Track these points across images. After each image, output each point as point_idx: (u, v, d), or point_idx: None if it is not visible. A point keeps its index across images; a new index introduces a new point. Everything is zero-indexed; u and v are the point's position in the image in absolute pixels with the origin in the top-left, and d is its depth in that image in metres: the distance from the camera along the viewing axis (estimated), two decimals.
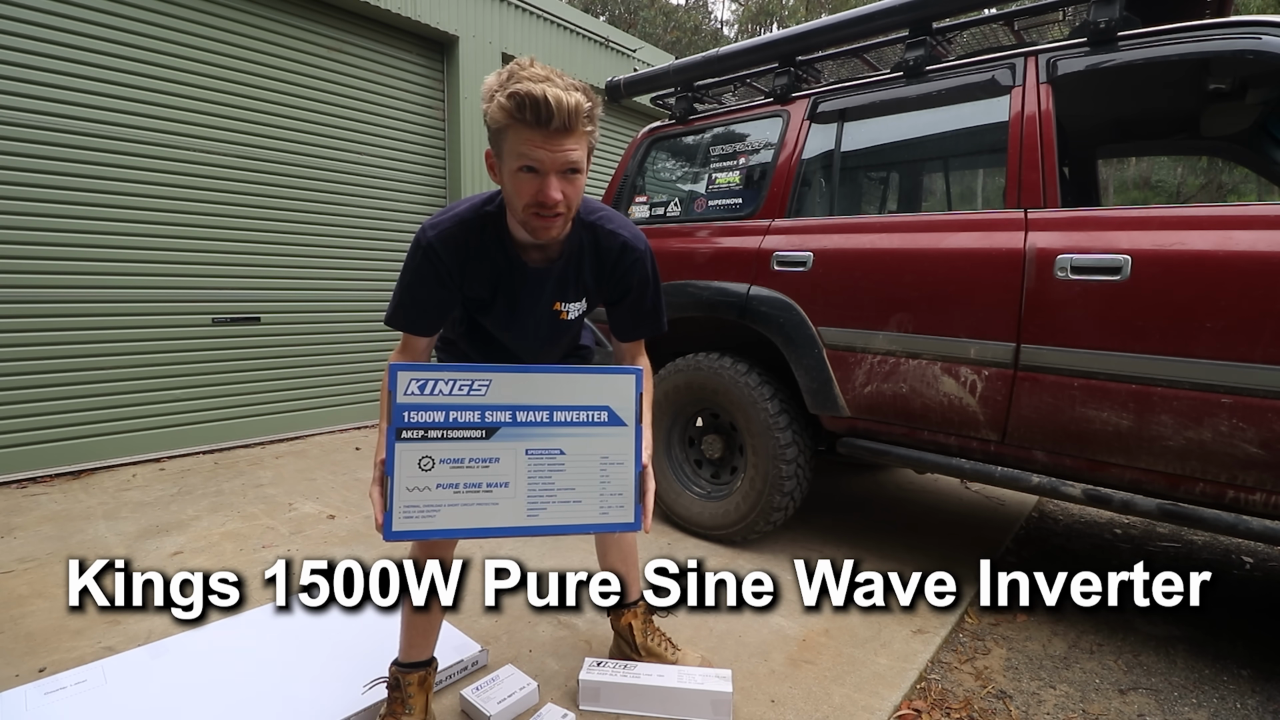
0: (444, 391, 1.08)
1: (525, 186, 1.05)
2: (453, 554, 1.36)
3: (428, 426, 1.06)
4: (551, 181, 1.04)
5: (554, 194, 1.04)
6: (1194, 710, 1.57)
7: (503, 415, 1.10)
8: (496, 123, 1.03)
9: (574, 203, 1.10)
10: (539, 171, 1.04)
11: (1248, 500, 1.52)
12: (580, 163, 1.06)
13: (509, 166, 1.06)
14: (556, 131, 1.01)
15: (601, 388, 1.16)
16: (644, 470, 1.17)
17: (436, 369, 1.08)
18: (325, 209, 4.10)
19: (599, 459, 1.14)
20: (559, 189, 1.05)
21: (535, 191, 1.05)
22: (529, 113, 0.98)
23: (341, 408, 4.30)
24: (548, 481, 1.12)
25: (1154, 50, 1.67)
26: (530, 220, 1.09)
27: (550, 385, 1.13)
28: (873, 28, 2.17)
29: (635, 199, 2.84)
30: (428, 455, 1.06)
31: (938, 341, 1.89)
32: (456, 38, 4.56)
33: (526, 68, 1.02)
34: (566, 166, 1.04)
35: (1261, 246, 1.44)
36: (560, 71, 1.04)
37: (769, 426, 2.20)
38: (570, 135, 1.02)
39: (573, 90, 1.01)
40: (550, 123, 0.99)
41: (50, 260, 3.08)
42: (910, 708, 1.53)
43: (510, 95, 0.98)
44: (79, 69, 3.10)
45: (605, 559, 1.57)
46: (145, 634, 1.75)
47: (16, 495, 2.85)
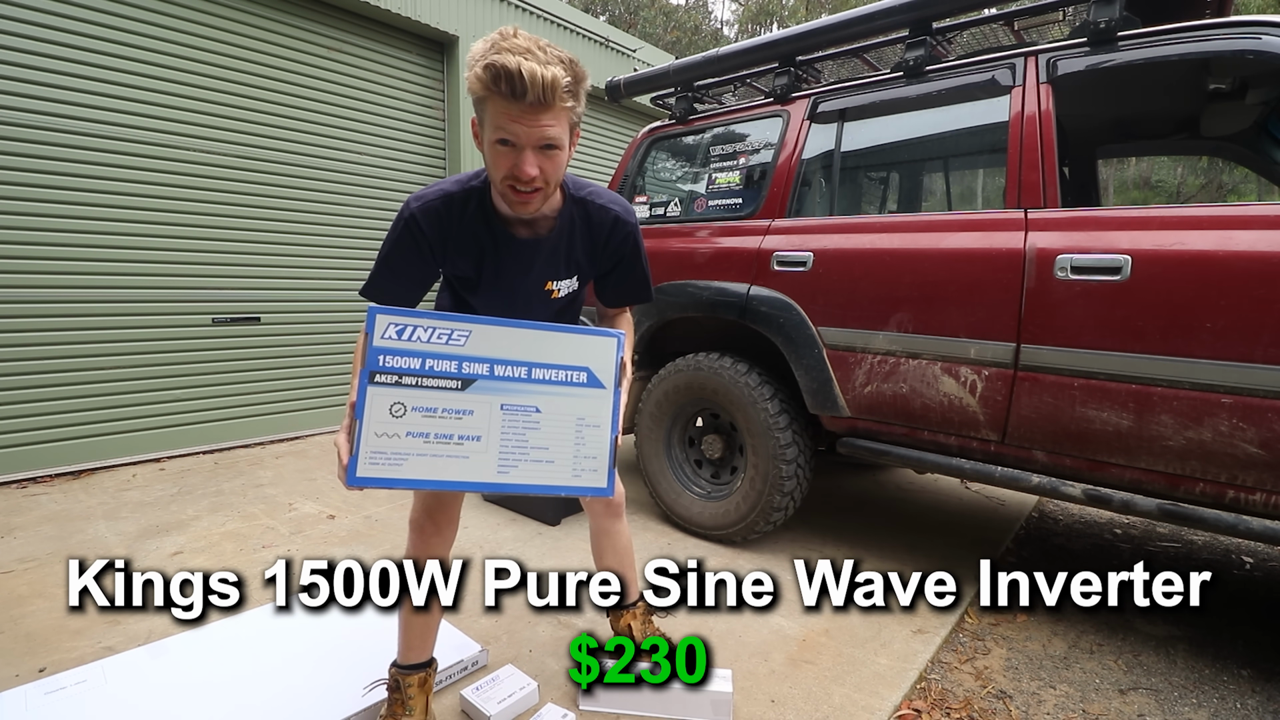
0: (422, 339, 1.04)
1: (502, 160, 1.04)
2: (450, 554, 1.36)
3: (402, 372, 1.03)
4: (527, 156, 1.02)
5: (529, 169, 1.02)
6: (1194, 710, 1.57)
7: (480, 368, 1.07)
8: (475, 92, 1.00)
9: (552, 179, 1.08)
10: (515, 145, 1.02)
11: (1248, 500, 1.52)
12: (558, 139, 1.03)
13: (487, 138, 1.04)
14: (532, 105, 0.98)
15: (582, 348, 1.13)
16: (615, 437, 1.15)
17: (416, 315, 1.04)
18: (325, 209, 4.10)
19: (575, 420, 1.12)
20: (535, 164, 1.03)
21: (511, 165, 1.03)
22: (504, 85, 0.96)
23: (341, 408, 4.29)
24: (521, 439, 1.09)
25: (1154, 50, 1.67)
26: (507, 194, 1.08)
27: (531, 341, 1.10)
28: (873, 28, 2.17)
29: (635, 199, 2.84)
30: (400, 402, 1.03)
31: (938, 341, 1.89)
32: (456, 38, 4.56)
33: (509, 38, 0.99)
34: (543, 142, 1.02)
35: (1261, 246, 1.44)
36: (546, 43, 1.01)
37: (769, 426, 2.20)
38: (547, 110, 0.99)
39: (553, 64, 0.98)
40: (525, 96, 0.96)
41: (50, 260, 3.08)
42: (910, 708, 1.53)
43: (486, 66, 0.96)
44: (79, 69, 3.11)
45: (601, 560, 1.56)
46: (145, 634, 1.75)
47: (16, 495, 2.85)
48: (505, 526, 2.59)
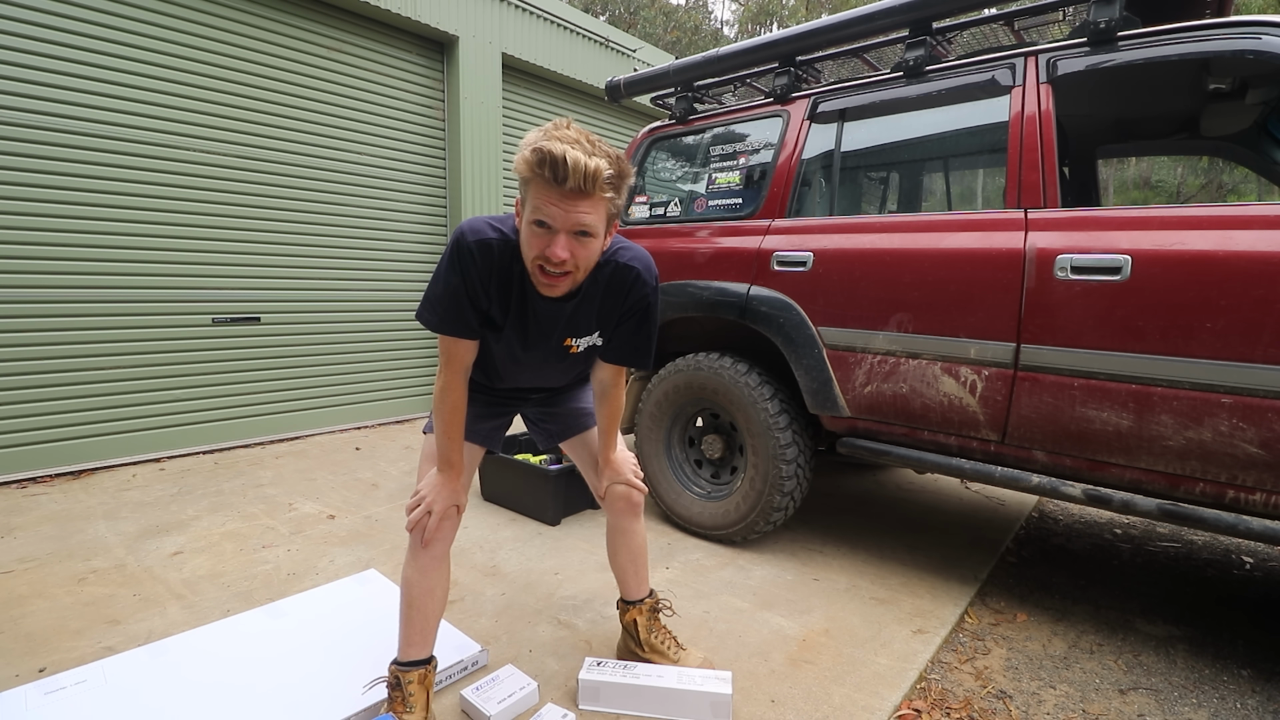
0: None
1: (536, 240, 1.09)
2: (448, 552, 1.37)
3: None
4: (561, 239, 1.07)
5: (560, 252, 1.07)
6: (1194, 710, 1.57)
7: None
8: (521, 174, 1.07)
9: (583, 264, 1.13)
10: (551, 228, 1.07)
11: (1248, 500, 1.52)
12: (593, 226, 1.08)
13: (526, 218, 1.10)
14: (572, 192, 1.04)
15: None
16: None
17: None
18: (325, 209, 4.10)
19: None
20: (567, 248, 1.08)
21: (544, 247, 1.08)
22: (548, 169, 1.02)
23: (341, 408, 4.30)
24: None
25: (1154, 50, 1.67)
26: (535, 274, 1.13)
27: None
28: (873, 28, 2.17)
29: (635, 199, 2.84)
30: None
31: (938, 341, 1.89)
32: (456, 38, 4.56)
33: (561, 128, 1.06)
34: (578, 228, 1.07)
35: (1261, 246, 1.44)
36: (598, 140, 1.07)
37: (769, 426, 2.20)
38: (586, 198, 1.05)
39: (598, 156, 1.04)
40: (566, 182, 1.02)
41: (50, 260, 3.08)
42: (910, 708, 1.53)
43: (534, 150, 1.02)
44: (79, 69, 3.11)
45: (616, 558, 1.57)
46: (145, 634, 1.75)
47: (16, 495, 2.85)
48: (505, 526, 2.59)
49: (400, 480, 3.19)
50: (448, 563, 1.36)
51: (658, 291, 1.34)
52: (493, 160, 4.88)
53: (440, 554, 1.33)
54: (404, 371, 4.67)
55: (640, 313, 1.33)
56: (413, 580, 1.33)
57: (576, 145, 1.03)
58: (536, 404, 1.57)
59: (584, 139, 1.05)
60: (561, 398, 1.58)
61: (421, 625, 1.33)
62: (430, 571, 1.33)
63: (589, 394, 1.62)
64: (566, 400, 1.58)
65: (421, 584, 1.32)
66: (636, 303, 1.32)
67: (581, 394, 1.60)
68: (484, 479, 2.89)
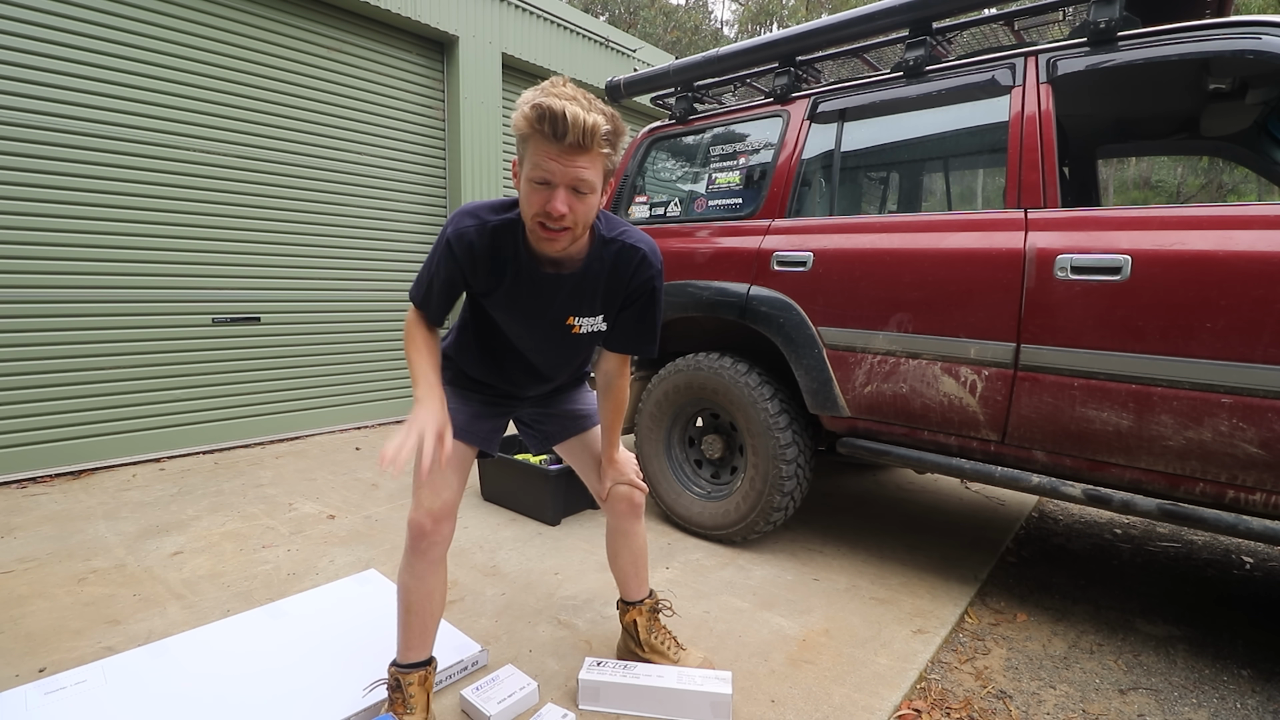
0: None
1: (536, 197, 1.10)
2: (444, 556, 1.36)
3: None
4: (560, 194, 1.08)
5: (560, 206, 1.08)
6: (1194, 710, 1.57)
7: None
8: (519, 131, 1.08)
9: (581, 220, 1.13)
10: (550, 184, 1.08)
11: (1248, 500, 1.52)
12: (591, 181, 1.09)
13: (525, 175, 1.11)
14: (571, 147, 1.05)
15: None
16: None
17: None
18: (325, 209, 4.10)
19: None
20: (566, 202, 1.08)
21: (544, 202, 1.09)
22: (546, 125, 1.03)
23: (341, 408, 4.30)
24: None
25: (1154, 50, 1.67)
26: (536, 230, 1.13)
27: None
28: (873, 28, 2.17)
29: (635, 199, 2.84)
30: None
31: (938, 341, 1.89)
32: (456, 38, 4.56)
33: (558, 85, 1.07)
34: (576, 183, 1.08)
35: (1261, 246, 1.44)
36: (592, 97, 1.08)
37: (769, 426, 2.20)
38: (584, 153, 1.06)
39: (595, 113, 1.05)
40: (565, 137, 1.03)
41: (50, 260, 3.08)
42: (910, 708, 1.53)
43: (534, 106, 1.03)
44: (79, 69, 3.10)
45: (616, 559, 1.57)
46: (145, 634, 1.75)
47: (16, 495, 2.85)
48: (505, 526, 2.59)
49: (400, 480, 3.19)
50: (444, 566, 1.34)
51: (662, 278, 1.35)
52: (493, 160, 4.88)
53: (436, 559, 1.31)
54: (404, 371, 4.66)
55: (645, 297, 1.33)
56: (410, 586, 1.31)
57: (574, 101, 1.04)
58: (534, 404, 1.56)
59: (581, 96, 1.06)
60: (559, 398, 1.57)
61: (420, 629, 1.33)
62: (427, 577, 1.31)
63: (587, 395, 1.62)
64: (564, 401, 1.58)
65: (419, 589, 1.31)
66: (641, 285, 1.31)
67: (579, 395, 1.60)
68: (484, 479, 2.89)
